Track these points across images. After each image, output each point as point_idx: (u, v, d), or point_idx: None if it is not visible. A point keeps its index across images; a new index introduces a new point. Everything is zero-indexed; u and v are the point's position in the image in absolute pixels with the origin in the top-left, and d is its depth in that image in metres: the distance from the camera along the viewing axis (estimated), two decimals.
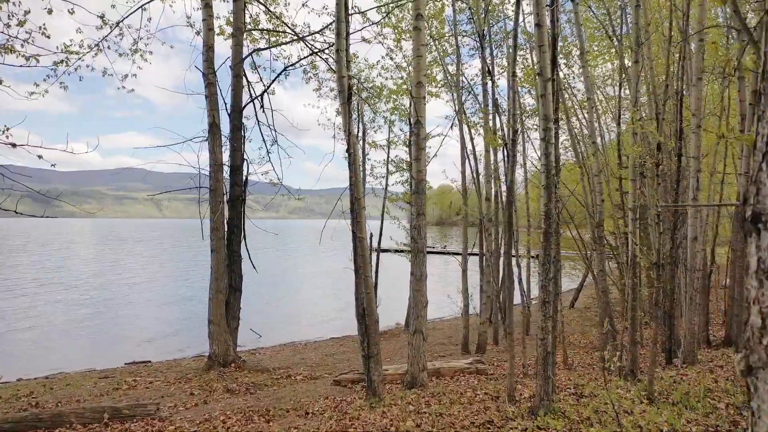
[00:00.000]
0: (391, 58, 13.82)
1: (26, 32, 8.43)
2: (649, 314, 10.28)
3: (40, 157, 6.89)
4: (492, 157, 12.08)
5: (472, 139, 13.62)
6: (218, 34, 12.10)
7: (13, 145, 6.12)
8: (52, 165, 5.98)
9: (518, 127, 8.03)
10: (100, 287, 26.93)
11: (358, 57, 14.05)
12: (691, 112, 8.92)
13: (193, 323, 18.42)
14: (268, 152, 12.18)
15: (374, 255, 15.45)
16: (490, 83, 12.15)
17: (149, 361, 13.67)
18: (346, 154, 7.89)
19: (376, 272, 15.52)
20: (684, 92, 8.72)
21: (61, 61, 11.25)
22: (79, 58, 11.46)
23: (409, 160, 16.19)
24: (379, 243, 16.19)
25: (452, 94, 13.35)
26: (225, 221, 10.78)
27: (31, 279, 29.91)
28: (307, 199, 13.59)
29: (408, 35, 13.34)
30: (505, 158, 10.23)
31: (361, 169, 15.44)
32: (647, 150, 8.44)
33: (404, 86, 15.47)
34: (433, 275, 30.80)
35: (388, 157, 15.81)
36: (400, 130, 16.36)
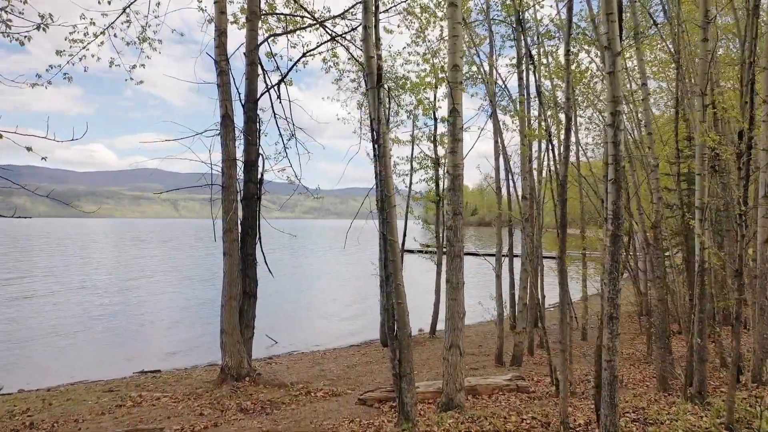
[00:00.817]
0: (417, 44, 12.85)
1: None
2: (710, 327, 9.22)
3: (29, 149, 6.01)
4: (527, 152, 11.07)
5: (500, 132, 12.63)
6: (232, 23, 11.25)
7: (29, 149, 5.27)
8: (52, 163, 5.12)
9: (572, 114, 7.04)
10: (120, 290, 26.24)
11: (381, 43, 13.09)
12: (762, 99, 7.88)
13: (209, 328, 17.64)
14: (285, 148, 11.29)
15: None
16: (526, 70, 11.14)
17: (159, 371, 12.86)
18: (375, 146, 6.96)
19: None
20: (756, 75, 7.67)
21: (63, 51, 10.50)
22: (84, 47, 10.67)
23: (433, 156, 15.25)
24: (403, 244, 15.24)
25: (484, 86, 12.37)
26: (239, 222, 9.89)
27: (53, 281, 29.33)
28: (322, 198, 12.67)
29: (436, 20, 12.39)
30: (550, 150, 9.24)
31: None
32: (723, 139, 7.39)
33: (427, 79, 14.53)
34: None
35: (412, 153, 14.87)
36: (425, 125, 15.43)
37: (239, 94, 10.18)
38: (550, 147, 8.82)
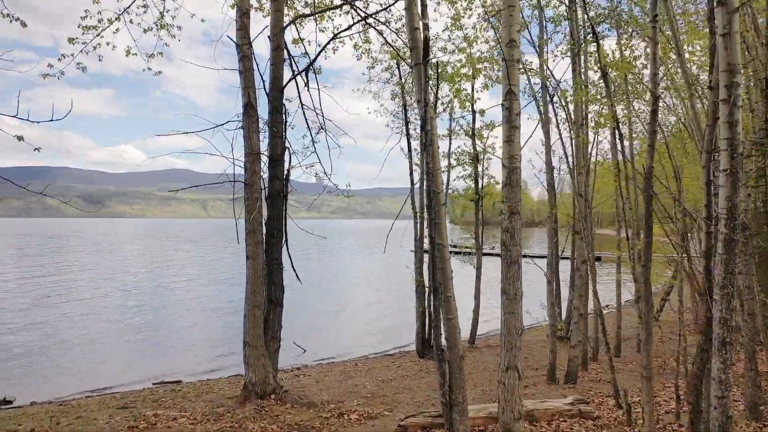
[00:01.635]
0: (453, 30, 11.78)
1: None
2: None
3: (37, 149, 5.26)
4: (587, 142, 9.90)
5: (551, 123, 11.44)
6: (256, 8, 10.35)
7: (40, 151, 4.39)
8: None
9: (658, 93, 5.89)
10: (150, 292, 25.68)
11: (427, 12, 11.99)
12: None
13: (236, 334, 16.87)
14: (313, 141, 10.31)
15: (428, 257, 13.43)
16: (578, 53, 9.97)
17: (179, 381, 12.04)
18: (421, 133, 5.91)
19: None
20: None
21: (75, 39, 9.72)
22: (98, 34, 9.88)
23: (472, 151, 14.15)
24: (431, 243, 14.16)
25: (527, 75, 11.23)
26: (263, 222, 8.95)
27: (85, 282, 28.96)
28: (352, 197, 11.67)
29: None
30: (618, 139, 8.09)
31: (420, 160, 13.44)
32: None
33: (463, 70, 13.43)
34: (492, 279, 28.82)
35: (450, 148, 13.78)
36: (462, 118, 14.33)
37: (263, 82, 9.25)
38: (618, 135, 7.67)
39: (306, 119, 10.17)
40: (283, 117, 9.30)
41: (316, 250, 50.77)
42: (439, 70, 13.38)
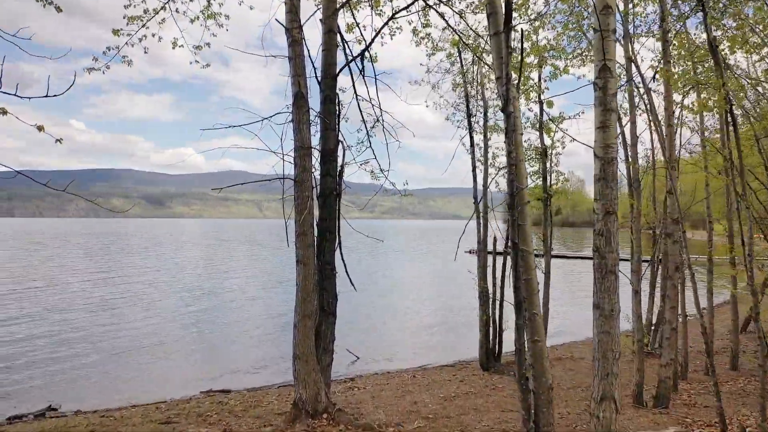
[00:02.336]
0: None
1: None
2: None
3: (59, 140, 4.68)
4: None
5: (637, 108, 10.17)
6: None
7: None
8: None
9: None
10: (208, 294, 25.47)
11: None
12: None
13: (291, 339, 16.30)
14: (368, 136, 9.46)
15: (491, 258, 12.35)
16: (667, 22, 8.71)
17: (228, 391, 11.42)
18: (504, 115, 4.93)
19: (502, 280, 12.45)
20: None
21: (120, 30, 9.24)
22: (143, 25, 9.36)
23: (540, 146, 12.97)
24: (505, 246, 13.05)
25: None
26: (314, 223, 8.14)
27: (144, 283, 29.13)
28: (409, 196, 10.73)
29: None
30: (728, 124, 6.86)
31: (486, 156, 12.44)
32: None
33: (527, 60, 12.29)
34: (559, 284, 27.34)
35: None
36: (528, 110, 13.15)
37: (314, 69, 8.46)
38: (728, 119, 6.45)
39: (360, 111, 9.31)
40: (337, 108, 8.47)
41: (367, 252, 49.97)
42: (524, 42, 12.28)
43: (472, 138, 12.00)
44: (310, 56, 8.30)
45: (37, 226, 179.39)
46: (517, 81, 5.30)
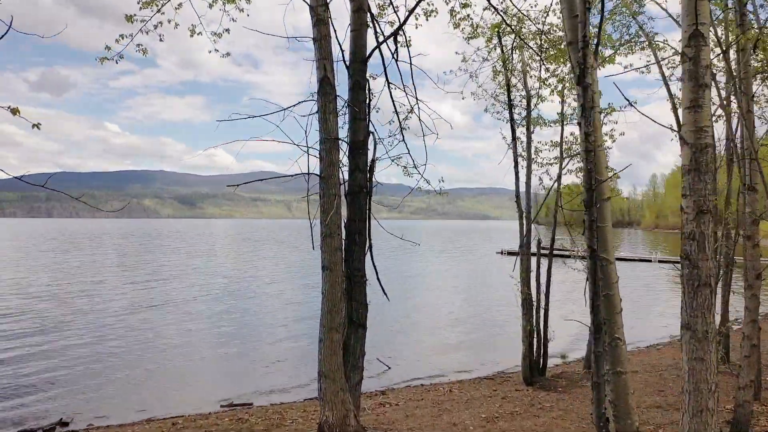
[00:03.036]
0: None
1: None
2: None
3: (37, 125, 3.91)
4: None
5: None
6: None
7: None
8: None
9: None
10: (240, 297, 24.76)
11: None
12: None
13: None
14: (401, 128, 8.55)
15: (533, 260, 11.31)
16: None
17: (251, 405, 10.64)
18: (579, 89, 3.95)
19: (547, 286, 11.42)
20: None
21: (133, 16, 8.54)
22: (158, 10, 8.62)
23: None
24: (551, 248, 11.99)
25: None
26: (342, 224, 7.26)
27: (176, 285, 28.61)
28: (427, 198, 9.75)
29: None
30: None
31: (528, 152, 11.42)
32: None
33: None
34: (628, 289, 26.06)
35: (562, 136, 11.60)
36: (574, 100, 12.06)
37: (342, 52, 7.58)
38: None
39: (393, 100, 8.40)
40: (367, 95, 7.58)
41: (394, 253, 48.86)
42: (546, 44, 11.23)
43: (513, 130, 10.98)
44: (337, 38, 7.43)
45: (73, 226, 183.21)
46: (596, 44, 4.30)
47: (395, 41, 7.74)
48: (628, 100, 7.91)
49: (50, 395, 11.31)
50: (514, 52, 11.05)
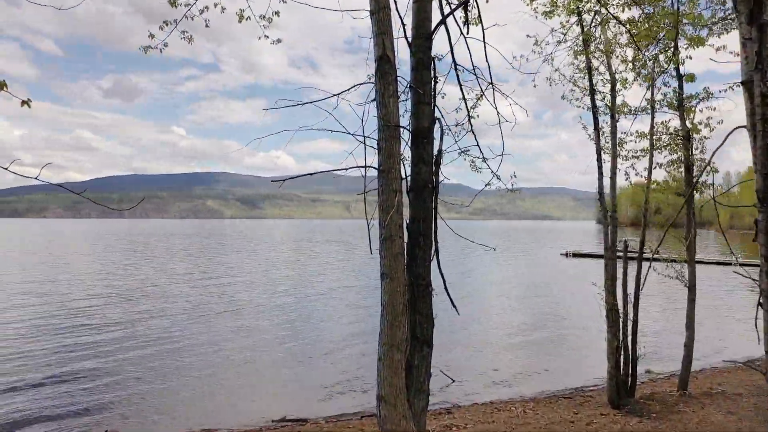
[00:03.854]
0: None
1: None
2: None
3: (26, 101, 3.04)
4: None
5: None
6: None
7: None
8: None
9: None
10: (302, 300, 24.09)
11: None
12: None
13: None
14: (469, 116, 7.50)
15: (620, 264, 9.95)
16: None
17: (305, 420, 9.82)
18: (748, 34, 2.80)
19: (636, 295, 10.05)
20: None
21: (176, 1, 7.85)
22: None
23: (681, 128, 10.45)
24: (640, 251, 10.58)
25: None
26: (404, 225, 6.26)
27: (239, 288, 28.29)
28: (485, 198, 8.52)
29: None
30: None
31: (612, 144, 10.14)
32: None
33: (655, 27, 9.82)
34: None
35: (652, 125, 10.22)
36: (664, 84, 10.66)
37: (403, 27, 6.61)
38: None
39: (460, 83, 7.35)
40: (432, 76, 6.58)
41: (451, 256, 47.34)
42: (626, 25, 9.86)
43: (596, 119, 9.71)
44: (398, 10, 6.46)
45: (142, 226, 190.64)
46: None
47: (465, 10, 6.69)
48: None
49: (98, 402, 10.89)
50: (596, 29, 9.79)
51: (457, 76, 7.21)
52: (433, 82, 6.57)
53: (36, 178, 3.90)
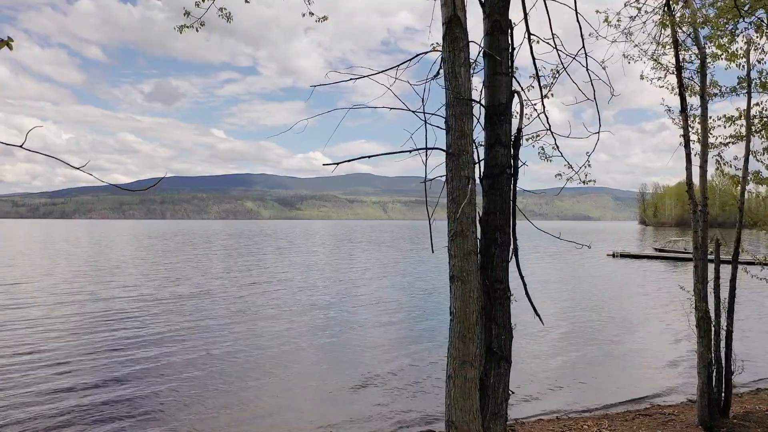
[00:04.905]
0: None
1: None
2: None
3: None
4: None
5: None
6: None
7: None
8: None
9: None
10: (344, 304, 22.78)
11: None
12: None
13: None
14: (542, 95, 6.46)
15: (710, 267, 8.70)
16: None
17: None
18: None
19: (731, 301, 8.81)
20: None
21: None
22: None
23: None
24: (735, 252, 9.29)
25: None
26: (476, 219, 5.26)
27: (280, 291, 27.61)
28: (523, 199, 7.52)
29: None
30: None
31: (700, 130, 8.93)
32: None
33: None
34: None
35: (749, 107, 8.96)
36: (758, 61, 9.35)
37: None
38: None
39: (533, 54, 6.31)
40: (510, 42, 5.57)
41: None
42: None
43: (683, 99, 8.51)
44: None
45: (183, 226, 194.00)
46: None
47: None
48: None
49: (131, 409, 10.22)
50: None
51: (531, 47, 6.17)
52: (510, 50, 5.56)
53: (114, 185, 3.13)
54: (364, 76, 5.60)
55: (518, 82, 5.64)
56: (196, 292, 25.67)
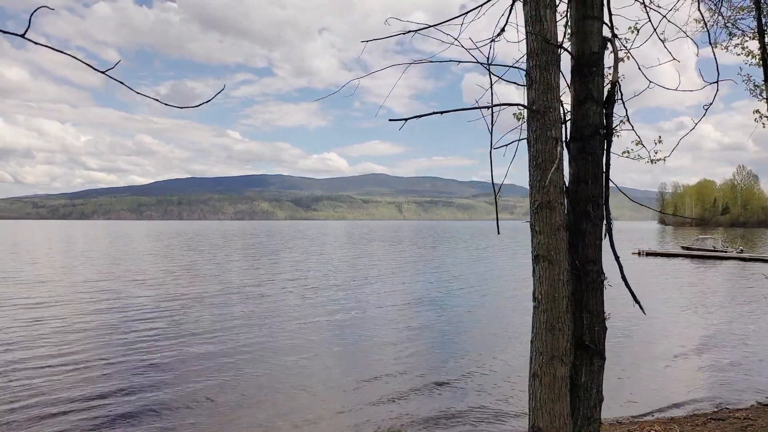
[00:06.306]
0: None
1: None
2: None
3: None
4: None
5: None
6: None
7: None
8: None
9: None
10: (365, 308, 21.16)
11: None
12: None
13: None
14: (616, 60, 5.61)
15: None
16: None
17: None
18: None
19: None
20: None
21: None
22: None
23: None
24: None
25: None
26: (563, 188, 4.44)
27: (294, 294, 27.07)
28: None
29: None
30: None
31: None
32: None
33: None
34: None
35: None
36: None
37: None
38: None
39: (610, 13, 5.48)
40: None
41: (505, 252, 44.44)
42: None
43: (766, 63, 7.62)
44: None
45: (199, 227, 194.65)
46: None
47: None
48: None
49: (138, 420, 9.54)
50: None
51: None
52: None
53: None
54: (430, 26, 4.82)
55: (613, 28, 4.80)
56: (224, 290, 25.06)
